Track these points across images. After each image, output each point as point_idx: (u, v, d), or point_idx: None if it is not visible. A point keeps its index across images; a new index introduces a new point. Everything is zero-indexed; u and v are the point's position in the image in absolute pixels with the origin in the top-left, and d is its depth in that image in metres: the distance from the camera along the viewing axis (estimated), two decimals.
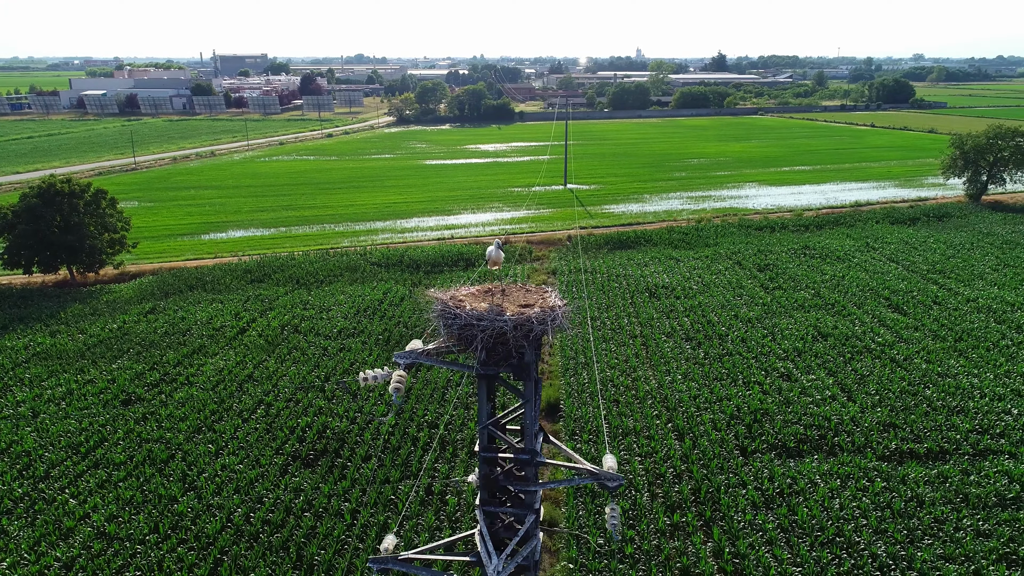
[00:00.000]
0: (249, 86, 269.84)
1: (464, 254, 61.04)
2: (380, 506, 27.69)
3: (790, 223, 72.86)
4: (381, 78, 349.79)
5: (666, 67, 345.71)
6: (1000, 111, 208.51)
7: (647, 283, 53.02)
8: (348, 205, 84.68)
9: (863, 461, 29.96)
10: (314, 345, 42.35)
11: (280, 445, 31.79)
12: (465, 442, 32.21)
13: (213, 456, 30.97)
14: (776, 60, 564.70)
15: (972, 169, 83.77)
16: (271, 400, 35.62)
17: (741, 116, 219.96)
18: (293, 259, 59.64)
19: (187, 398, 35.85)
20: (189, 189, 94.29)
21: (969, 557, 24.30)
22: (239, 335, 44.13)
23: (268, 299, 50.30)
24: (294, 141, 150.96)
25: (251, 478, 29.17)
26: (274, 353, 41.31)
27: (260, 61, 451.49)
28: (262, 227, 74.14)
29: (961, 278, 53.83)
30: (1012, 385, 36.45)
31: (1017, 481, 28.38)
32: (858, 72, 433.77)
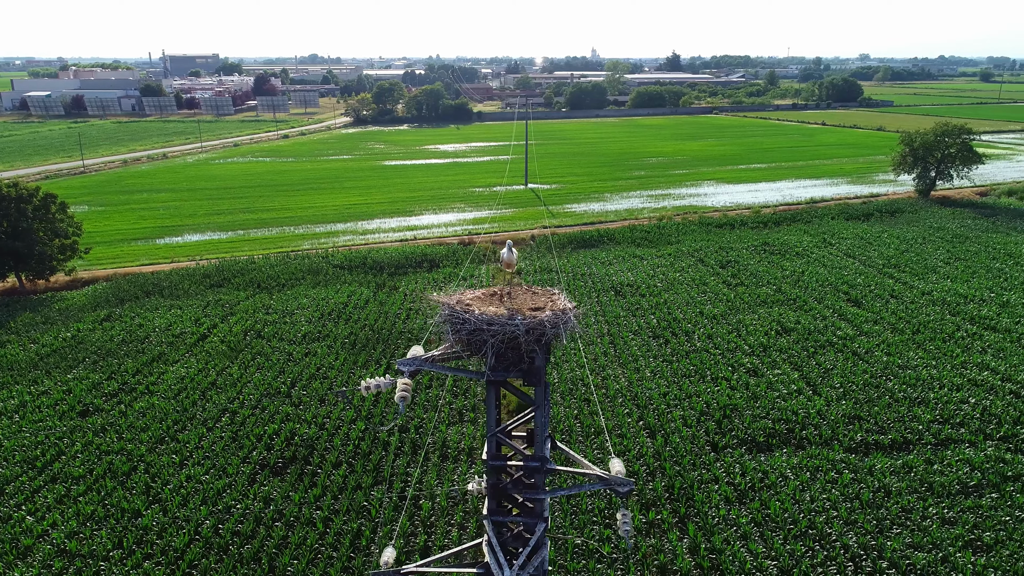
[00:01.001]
0: (201, 87, 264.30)
1: (428, 255, 60.55)
2: (353, 513, 27.21)
3: (749, 220, 73.97)
4: (336, 78, 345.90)
5: (622, 67, 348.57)
6: (944, 109, 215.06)
7: (612, 281, 53.25)
8: (307, 207, 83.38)
9: (831, 453, 30.48)
10: (278, 350, 41.52)
11: (247, 453, 31.05)
12: (436, 445, 31.88)
13: (177, 467, 30.10)
14: (728, 60, 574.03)
15: (921, 166, 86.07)
16: (236, 408, 34.79)
17: (696, 115, 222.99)
18: (253, 263, 58.44)
19: (148, 408, 34.79)
20: (142, 192, 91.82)
21: (936, 545, 24.85)
22: (200, 341, 43.04)
23: (229, 304, 49.18)
24: (249, 142, 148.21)
25: (218, 488, 28.41)
26: (237, 359, 40.36)
27: (211, 61, 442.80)
28: (219, 230, 72.53)
29: (915, 272, 55.23)
30: (968, 375, 37.47)
31: (978, 469, 29.15)
32: (808, 72, 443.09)
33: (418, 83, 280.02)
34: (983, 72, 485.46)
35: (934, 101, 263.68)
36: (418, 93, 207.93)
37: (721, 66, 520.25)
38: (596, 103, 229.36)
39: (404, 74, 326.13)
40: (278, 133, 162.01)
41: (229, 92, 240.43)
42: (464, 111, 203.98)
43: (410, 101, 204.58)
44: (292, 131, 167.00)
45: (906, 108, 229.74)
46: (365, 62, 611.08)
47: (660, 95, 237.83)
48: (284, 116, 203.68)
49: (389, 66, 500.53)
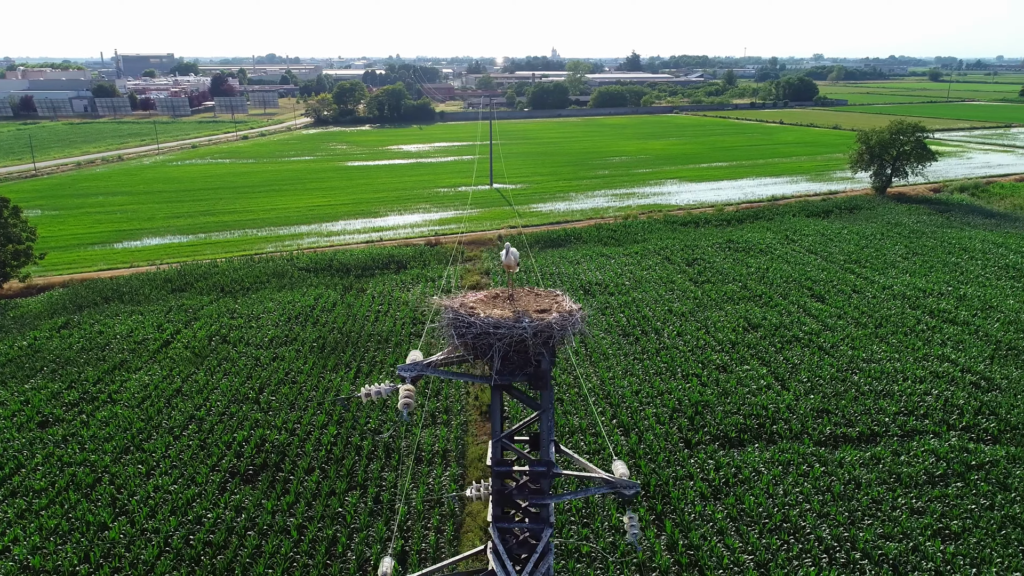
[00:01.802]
0: (156, 87, 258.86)
1: (395, 256, 60.07)
2: (327, 520, 26.80)
3: (713, 218, 74.86)
4: (296, 78, 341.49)
5: (583, 67, 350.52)
6: (896, 108, 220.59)
7: (581, 281, 53.40)
8: (270, 209, 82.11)
9: (801, 447, 30.92)
10: (245, 355, 40.74)
11: (216, 462, 30.38)
12: (411, 448, 31.58)
13: (144, 477, 29.32)
14: (687, 60, 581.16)
15: (877, 163, 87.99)
16: (203, 415, 34.02)
17: (658, 114, 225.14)
18: (216, 266, 57.32)
19: (111, 417, 33.84)
20: (97, 196, 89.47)
21: (907, 534, 25.36)
22: (163, 348, 42.03)
23: (192, 309, 48.14)
24: (207, 144, 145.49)
25: (187, 498, 27.75)
26: (203, 365, 39.51)
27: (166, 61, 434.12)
28: (179, 234, 71.01)
29: (875, 267, 56.43)
30: (930, 368, 38.37)
31: (943, 459, 29.84)
32: (764, 71, 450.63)
33: (379, 83, 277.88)
34: (932, 72, 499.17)
35: (886, 100, 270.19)
36: (379, 93, 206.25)
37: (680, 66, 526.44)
38: (558, 103, 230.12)
39: (364, 74, 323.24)
40: (237, 134, 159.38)
41: (185, 92, 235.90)
42: (426, 111, 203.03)
43: (372, 101, 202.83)
44: (252, 132, 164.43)
45: (860, 107, 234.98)
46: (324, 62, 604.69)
47: (621, 95, 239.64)
48: (243, 117, 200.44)
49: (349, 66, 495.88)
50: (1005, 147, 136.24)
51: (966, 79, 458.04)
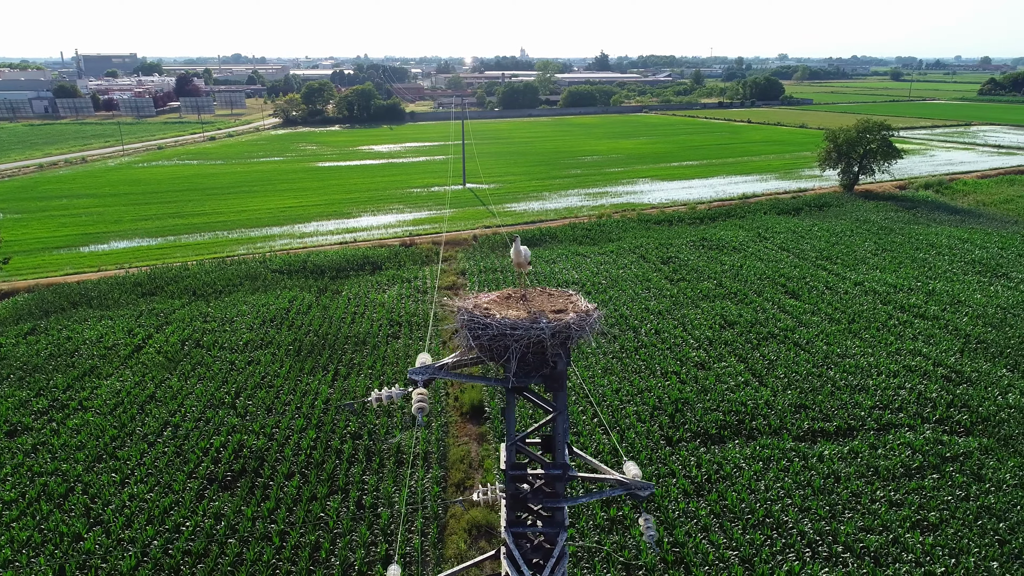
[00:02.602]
0: (119, 87, 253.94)
1: (370, 257, 59.56)
2: (309, 525, 26.43)
3: (686, 216, 75.41)
4: (263, 78, 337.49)
5: (552, 67, 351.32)
6: (860, 107, 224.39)
7: (558, 280, 53.42)
8: (240, 211, 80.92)
9: (780, 443, 31.22)
10: (219, 359, 40.06)
11: (193, 468, 29.80)
12: (391, 451, 31.29)
13: (118, 486, 28.65)
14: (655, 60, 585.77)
15: (845, 161, 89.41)
16: (178, 421, 33.37)
17: (627, 114, 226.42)
18: (187, 269, 56.32)
19: (82, 425, 33.03)
20: (61, 198, 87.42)
21: (887, 527, 25.73)
22: (135, 353, 41.16)
23: (163, 313, 47.22)
24: (174, 145, 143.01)
25: (164, 506, 27.16)
26: (176, 370, 38.76)
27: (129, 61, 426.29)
28: (148, 236, 69.66)
29: (847, 263, 57.28)
30: (903, 362, 39.01)
31: (919, 451, 30.34)
32: (731, 71, 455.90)
33: (347, 83, 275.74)
34: (893, 72, 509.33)
35: (850, 99, 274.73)
36: (349, 93, 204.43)
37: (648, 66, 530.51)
38: (529, 102, 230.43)
39: (333, 74, 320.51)
40: (204, 135, 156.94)
41: (150, 93, 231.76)
42: (397, 111, 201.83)
43: (341, 101, 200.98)
44: (219, 133, 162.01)
45: (825, 106, 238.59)
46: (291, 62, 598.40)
47: (591, 94, 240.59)
48: (210, 117, 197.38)
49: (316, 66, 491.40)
50: (966, 145, 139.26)
51: (926, 78, 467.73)
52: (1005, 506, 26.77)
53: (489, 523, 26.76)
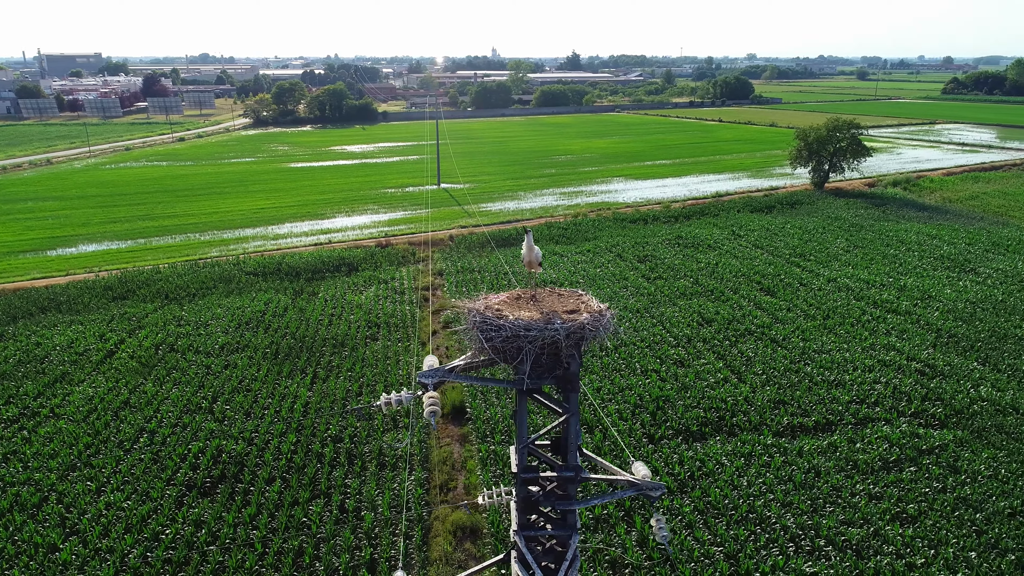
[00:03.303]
0: (84, 87, 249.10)
1: (345, 258, 59.07)
2: (292, 530, 26.09)
3: (660, 215, 75.84)
4: (232, 78, 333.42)
5: (524, 66, 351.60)
6: (828, 106, 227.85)
7: (536, 279, 53.22)
8: (212, 212, 79.80)
9: (761, 438, 31.51)
10: (195, 364, 39.42)
11: (171, 475, 29.28)
12: (373, 454, 31.02)
13: (94, 494, 28.05)
14: (626, 59, 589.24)
15: (816, 159, 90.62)
16: (154, 427, 32.76)
17: (600, 113, 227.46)
18: (159, 272, 55.37)
19: (55, 432, 32.29)
20: (26, 201, 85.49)
21: (867, 520, 26.07)
22: (107, 359, 40.35)
23: (136, 317, 46.38)
24: (142, 146, 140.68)
25: (142, 514, 26.64)
26: (151, 376, 38.07)
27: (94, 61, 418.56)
28: (117, 239, 68.38)
29: (819, 260, 58.04)
30: (878, 356, 39.61)
31: (896, 445, 30.81)
32: (701, 71, 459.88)
33: (318, 83, 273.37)
34: (859, 71, 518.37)
35: (818, 98, 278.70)
36: (320, 93, 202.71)
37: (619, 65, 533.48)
38: (501, 102, 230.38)
39: (303, 74, 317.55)
40: (173, 136, 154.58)
41: (116, 93, 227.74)
42: (369, 111, 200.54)
43: (312, 101, 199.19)
44: (188, 133, 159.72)
45: (794, 105, 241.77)
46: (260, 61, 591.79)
47: (564, 94, 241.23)
48: (178, 118, 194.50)
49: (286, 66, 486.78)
50: (932, 143, 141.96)
51: (891, 78, 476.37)
52: (981, 497, 27.28)
53: (474, 525, 26.64)
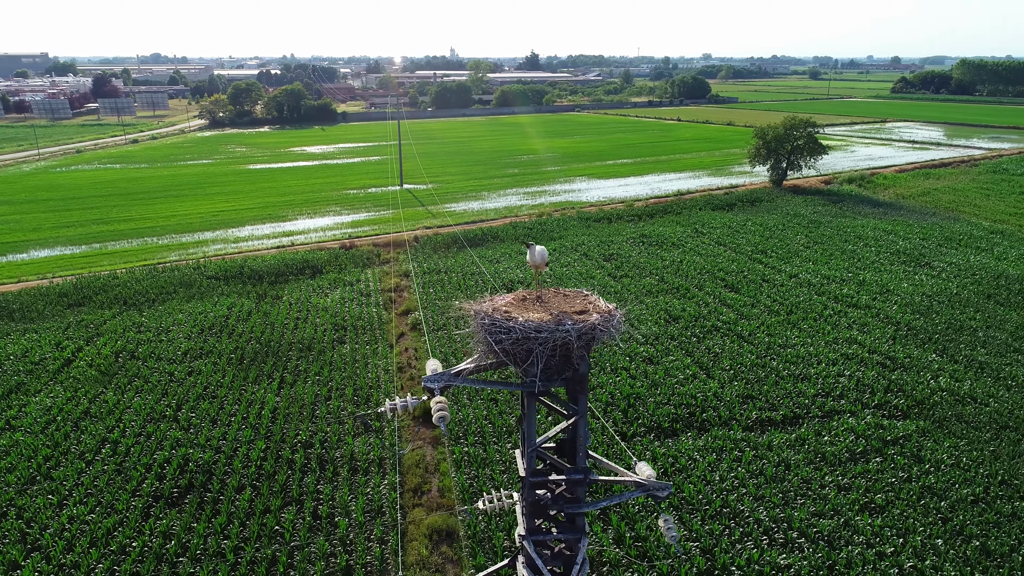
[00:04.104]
0: (31, 88, 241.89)
1: (309, 261, 58.27)
2: (264, 539, 25.60)
3: (624, 213, 76.36)
4: (185, 79, 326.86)
5: (484, 66, 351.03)
6: (783, 105, 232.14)
7: (503, 279, 53.35)
8: (170, 216, 78.03)
9: (731, 433, 31.89)
10: (157, 371, 38.47)
11: (136, 486, 28.50)
12: (345, 458, 30.62)
13: (56, 508, 27.16)
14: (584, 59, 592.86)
15: (774, 157, 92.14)
16: (117, 437, 31.87)
17: (560, 113, 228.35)
18: (116, 278, 53.92)
19: (12, 444, 31.21)
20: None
21: (837, 511, 26.56)
22: (64, 367, 39.14)
23: (93, 324, 45.08)
24: (94, 148, 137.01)
25: (108, 527, 25.88)
26: (111, 384, 37.03)
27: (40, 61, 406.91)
28: (71, 244, 66.43)
29: (781, 256, 59.02)
30: (841, 350, 40.40)
31: (862, 436, 31.46)
32: (658, 71, 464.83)
33: (275, 83, 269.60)
34: (811, 71, 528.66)
35: (773, 97, 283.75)
36: (278, 94, 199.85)
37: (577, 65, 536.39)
38: (462, 102, 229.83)
39: (259, 74, 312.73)
40: (126, 138, 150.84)
41: (65, 94, 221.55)
42: (328, 112, 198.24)
43: (270, 102, 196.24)
44: (142, 135, 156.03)
45: (750, 104, 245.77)
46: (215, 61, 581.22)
47: (524, 93, 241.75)
48: (131, 119, 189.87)
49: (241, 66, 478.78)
50: (883, 141, 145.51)
51: (842, 77, 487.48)
52: (945, 485, 27.99)
53: (449, 527, 26.46)
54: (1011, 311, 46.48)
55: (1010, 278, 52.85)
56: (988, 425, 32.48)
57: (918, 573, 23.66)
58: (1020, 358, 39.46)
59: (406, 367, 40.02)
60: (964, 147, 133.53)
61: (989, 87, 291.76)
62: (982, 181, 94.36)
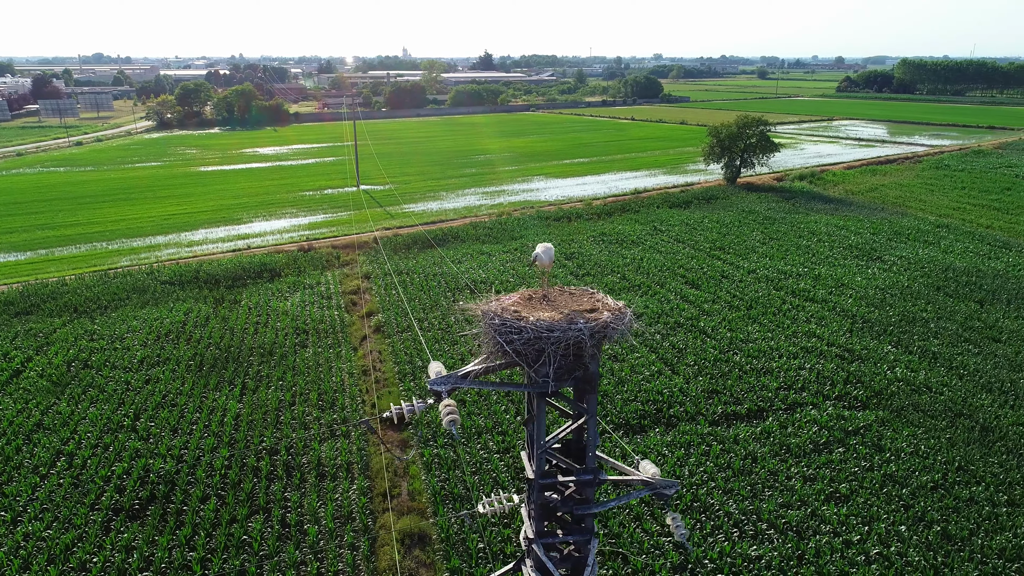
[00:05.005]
0: None
1: (267, 264, 57.20)
2: (232, 549, 24.99)
3: (583, 212, 76.78)
4: (130, 79, 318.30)
5: (438, 66, 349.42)
6: (734, 104, 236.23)
7: (466, 279, 53.14)
8: (119, 220, 75.80)
9: (698, 428, 32.25)
10: (113, 380, 37.30)
11: (95, 499, 27.56)
12: (312, 465, 30.10)
13: (10, 525, 26.10)
14: (537, 59, 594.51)
15: (728, 155, 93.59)
16: (73, 449, 30.78)
17: (515, 112, 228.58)
18: (65, 285, 52.16)
19: None
20: None
21: (804, 501, 27.06)
22: (13, 378, 37.67)
23: (42, 333, 43.50)
24: (36, 151, 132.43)
25: (66, 543, 24.97)
26: (64, 394, 35.77)
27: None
28: (14, 251, 64.06)
29: (738, 252, 60.00)
30: (800, 344, 41.22)
31: (824, 427, 32.12)
32: (611, 70, 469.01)
33: (224, 84, 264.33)
34: (759, 70, 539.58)
35: (724, 96, 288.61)
36: (228, 94, 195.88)
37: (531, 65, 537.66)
38: (417, 102, 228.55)
39: (208, 74, 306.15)
40: (70, 140, 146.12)
41: (3, 95, 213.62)
42: (280, 112, 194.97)
43: (220, 103, 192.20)
44: (86, 137, 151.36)
45: (702, 103, 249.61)
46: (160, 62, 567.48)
47: (479, 93, 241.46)
48: (74, 121, 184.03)
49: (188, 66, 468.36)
50: (831, 138, 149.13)
51: (789, 76, 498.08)
52: (905, 473, 28.75)
53: (421, 531, 26.19)
54: (960, 302, 48.02)
55: (957, 270, 54.61)
56: (943, 413, 33.48)
57: (884, 560, 24.25)
58: (970, 348, 40.80)
59: (371, 370, 39.55)
60: (907, 144, 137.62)
61: (929, 86, 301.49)
62: (926, 177, 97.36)
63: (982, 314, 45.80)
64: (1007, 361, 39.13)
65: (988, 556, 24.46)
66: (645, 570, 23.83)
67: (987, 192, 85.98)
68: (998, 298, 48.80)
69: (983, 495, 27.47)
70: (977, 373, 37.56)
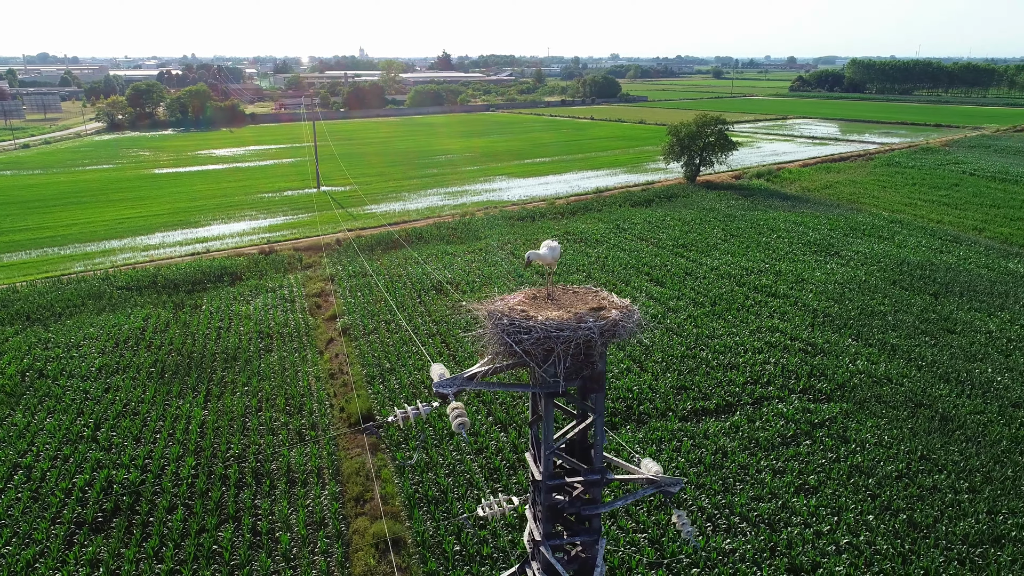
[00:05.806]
0: None
1: (228, 267, 56.11)
2: (202, 560, 24.43)
3: (547, 212, 76.97)
4: (78, 80, 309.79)
5: (396, 66, 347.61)
6: (691, 103, 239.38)
7: (431, 280, 52.84)
8: (71, 224, 73.66)
9: (669, 424, 32.55)
10: (71, 389, 36.18)
11: (56, 513, 26.70)
12: (281, 471, 29.60)
13: None
14: (496, 59, 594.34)
15: (687, 154, 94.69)
16: (31, 461, 29.79)
17: (475, 112, 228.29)
18: (15, 292, 50.50)
19: None
20: None
21: (775, 494, 27.48)
22: None
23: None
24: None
25: (27, 559, 24.14)
26: (19, 405, 34.60)
27: None
28: None
29: (700, 249, 60.75)
30: (764, 339, 41.88)
31: (791, 421, 32.68)
32: (569, 70, 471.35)
33: (177, 84, 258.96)
34: (715, 70, 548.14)
35: (680, 95, 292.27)
36: (181, 95, 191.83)
37: (489, 65, 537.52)
38: (375, 103, 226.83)
39: (159, 74, 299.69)
40: (16, 142, 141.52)
41: None
42: (236, 113, 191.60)
43: (173, 103, 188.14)
44: (33, 140, 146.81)
45: (660, 103, 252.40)
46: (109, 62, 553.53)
47: (438, 93, 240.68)
48: (20, 123, 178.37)
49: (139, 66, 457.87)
50: (786, 137, 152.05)
51: (743, 76, 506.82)
52: (871, 463, 29.40)
53: (396, 535, 25.93)
54: (915, 295, 49.32)
55: (911, 264, 56.08)
56: (904, 404, 34.33)
57: (854, 549, 24.75)
58: (927, 340, 41.92)
59: (338, 373, 39.05)
60: (859, 142, 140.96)
61: (878, 85, 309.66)
62: (878, 174, 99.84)
63: (937, 307, 47.11)
64: (962, 352, 40.31)
65: (952, 542, 25.15)
66: (622, 567, 23.94)
67: (936, 188, 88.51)
68: (951, 291, 50.25)
69: (945, 483, 28.24)
70: (935, 364, 38.61)
